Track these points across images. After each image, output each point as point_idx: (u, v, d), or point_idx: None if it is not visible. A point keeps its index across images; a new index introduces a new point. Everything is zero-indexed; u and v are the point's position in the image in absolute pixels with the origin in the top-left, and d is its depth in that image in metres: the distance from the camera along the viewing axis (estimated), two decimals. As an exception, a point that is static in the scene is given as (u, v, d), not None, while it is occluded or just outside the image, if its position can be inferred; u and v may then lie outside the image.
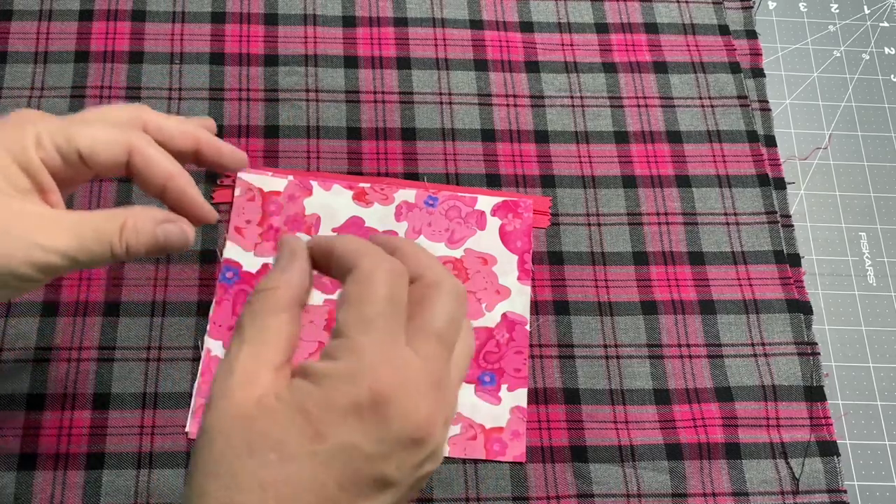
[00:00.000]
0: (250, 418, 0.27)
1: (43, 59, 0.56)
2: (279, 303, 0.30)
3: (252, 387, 0.28)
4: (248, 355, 0.28)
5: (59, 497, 0.46)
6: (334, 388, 0.27)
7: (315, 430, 0.27)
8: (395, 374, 0.27)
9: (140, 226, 0.34)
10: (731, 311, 0.53)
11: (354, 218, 0.54)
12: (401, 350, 0.28)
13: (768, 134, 0.60)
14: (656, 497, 0.48)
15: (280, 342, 0.29)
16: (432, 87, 0.58)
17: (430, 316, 0.29)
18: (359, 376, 0.27)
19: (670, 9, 0.63)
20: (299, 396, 0.27)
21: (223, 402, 0.28)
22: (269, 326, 0.29)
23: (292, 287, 0.30)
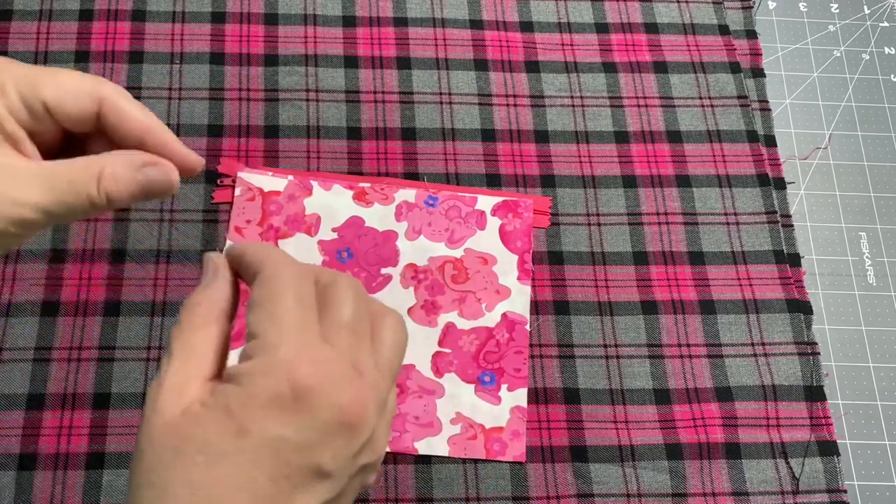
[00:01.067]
0: (177, 426, 0.27)
1: (43, 59, 0.56)
2: (203, 317, 0.30)
3: (180, 398, 0.28)
4: (175, 369, 0.29)
5: (59, 497, 0.46)
6: (253, 384, 0.27)
7: (238, 426, 0.27)
8: (312, 364, 0.28)
9: (119, 172, 0.31)
10: (731, 311, 0.53)
11: (354, 218, 0.54)
12: (315, 342, 0.29)
13: (768, 134, 0.60)
14: (656, 497, 0.48)
15: (208, 354, 0.30)
16: (432, 87, 0.58)
17: (336, 311, 0.30)
18: (276, 369, 0.27)
19: (670, 9, 0.63)
20: (222, 398, 0.28)
21: (153, 415, 0.28)
22: (196, 340, 0.30)
23: (214, 301, 0.31)
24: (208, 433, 0.27)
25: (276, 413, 0.27)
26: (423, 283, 0.52)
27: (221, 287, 0.31)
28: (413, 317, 0.51)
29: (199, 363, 0.29)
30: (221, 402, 0.27)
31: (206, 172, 0.54)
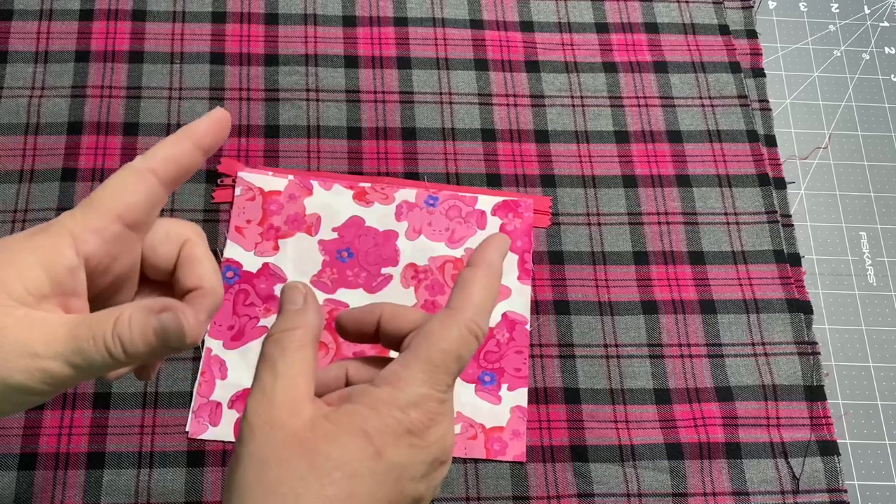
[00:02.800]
0: (309, 442, 0.29)
1: (43, 59, 0.56)
2: (302, 340, 0.31)
3: (297, 414, 0.30)
4: (286, 387, 0.30)
5: (59, 497, 0.46)
6: (390, 414, 0.30)
7: (376, 449, 0.29)
8: (437, 404, 0.31)
9: (135, 317, 0.29)
10: (731, 311, 0.53)
11: (355, 218, 0.54)
12: (438, 388, 0.31)
13: (768, 134, 0.60)
14: (656, 497, 0.48)
15: (309, 374, 0.31)
16: (432, 87, 0.58)
17: (461, 364, 0.32)
18: (409, 403, 0.30)
19: (670, 9, 0.63)
20: (359, 421, 0.30)
21: (271, 429, 0.29)
22: (298, 360, 0.31)
23: (310, 327, 0.32)
24: (347, 452, 0.29)
25: (405, 443, 0.30)
26: (423, 283, 0.52)
27: (314, 315, 0.33)
28: (413, 316, 0.51)
29: (306, 382, 0.31)
30: (358, 425, 0.29)
31: (206, 172, 0.54)
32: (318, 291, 0.51)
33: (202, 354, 0.49)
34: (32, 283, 0.29)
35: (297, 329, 0.32)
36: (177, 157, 0.33)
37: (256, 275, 0.51)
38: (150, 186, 0.32)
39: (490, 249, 0.33)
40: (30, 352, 0.28)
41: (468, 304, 0.32)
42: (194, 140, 0.33)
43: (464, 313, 0.31)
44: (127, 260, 0.32)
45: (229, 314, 0.50)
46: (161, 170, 0.32)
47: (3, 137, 0.54)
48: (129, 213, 0.31)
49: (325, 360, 0.50)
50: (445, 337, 0.31)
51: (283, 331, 0.32)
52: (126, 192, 0.31)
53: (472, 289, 0.32)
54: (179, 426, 0.48)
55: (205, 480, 0.47)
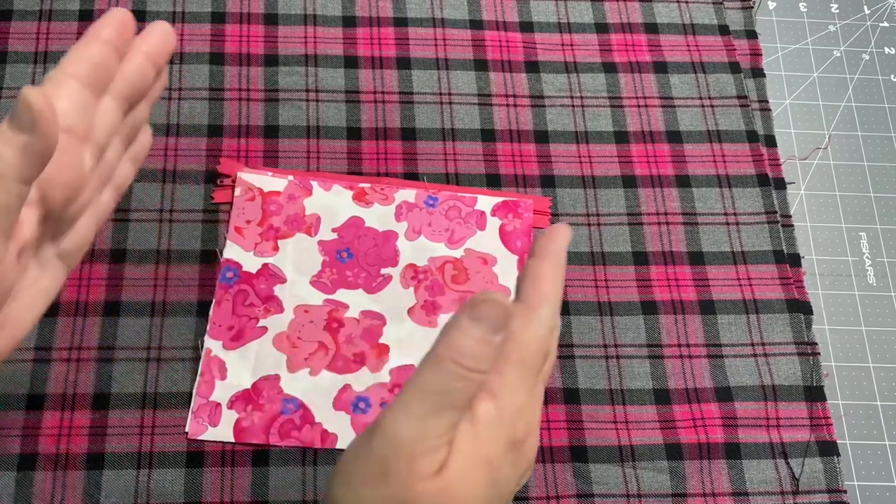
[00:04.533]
0: (448, 488, 0.28)
1: (43, 59, 0.56)
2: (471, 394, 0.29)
3: (435, 458, 0.29)
4: (428, 431, 0.29)
5: (59, 497, 0.46)
6: (503, 434, 0.29)
7: (494, 476, 0.29)
8: (533, 415, 0.31)
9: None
10: (731, 311, 0.53)
11: (354, 218, 0.54)
12: (535, 395, 0.31)
13: (768, 134, 0.60)
14: (656, 497, 0.48)
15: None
16: (432, 87, 0.58)
17: (547, 365, 0.32)
18: (511, 419, 0.29)
19: (670, 9, 0.63)
20: (483, 448, 0.29)
21: (417, 481, 0.28)
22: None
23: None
24: (475, 490, 0.28)
25: (511, 460, 0.29)
26: (423, 284, 0.52)
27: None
28: (413, 317, 0.51)
29: (452, 415, 0.29)
30: (483, 454, 0.28)
31: (206, 172, 0.54)
32: (318, 291, 0.51)
33: (202, 355, 0.49)
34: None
35: (482, 374, 0.29)
36: (88, 56, 0.32)
37: (256, 275, 0.51)
38: (72, 88, 0.32)
39: (557, 240, 0.32)
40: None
41: (543, 298, 0.31)
42: (98, 38, 0.32)
43: (542, 309, 0.30)
44: (73, 168, 0.32)
45: (229, 314, 0.50)
46: (77, 71, 0.32)
47: (2, 138, 0.54)
48: (63, 120, 0.31)
49: (325, 361, 0.50)
50: (532, 335, 0.30)
51: (469, 373, 0.28)
52: (54, 99, 0.31)
53: (544, 282, 0.31)
54: (179, 427, 0.48)
55: (204, 481, 0.47)
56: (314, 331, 0.50)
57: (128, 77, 0.34)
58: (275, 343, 0.50)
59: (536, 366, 0.30)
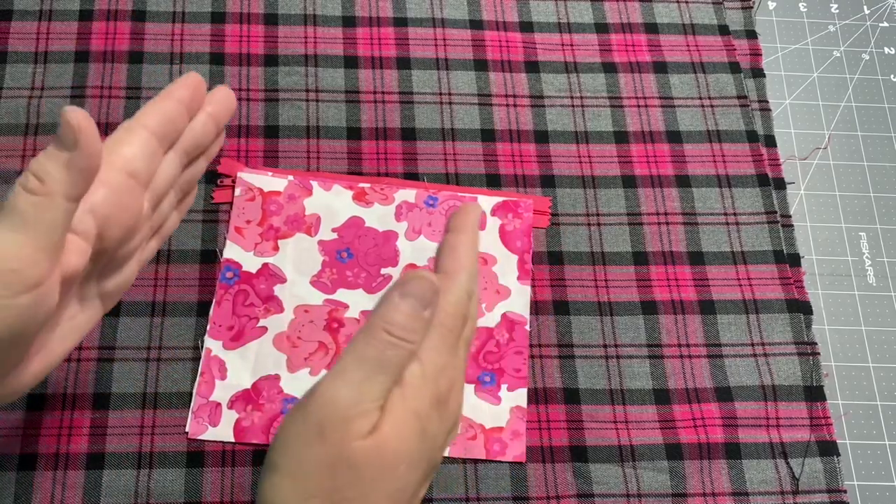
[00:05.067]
0: (384, 443, 0.31)
1: (43, 59, 0.56)
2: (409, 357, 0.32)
3: (372, 416, 0.32)
4: (369, 394, 0.31)
5: (59, 497, 0.46)
6: (428, 389, 0.31)
7: (422, 427, 0.31)
8: (455, 372, 0.32)
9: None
10: (731, 311, 0.53)
11: (354, 218, 0.54)
12: (456, 356, 0.33)
13: (768, 134, 0.60)
14: (656, 497, 0.48)
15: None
16: (432, 87, 0.58)
17: (467, 329, 0.34)
18: (437, 376, 0.31)
19: (670, 9, 0.63)
20: (412, 403, 0.31)
21: (352, 440, 0.30)
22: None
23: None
24: (407, 444, 0.30)
25: (437, 414, 0.31)
26: (423, 284, 0.52)
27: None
28: (413, 317, 0.51)
29: (384, 380, 0.31)
30: (411, 409, 0.31)
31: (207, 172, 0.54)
32: (318, 291, 0.51)
33: (202, 355, 0.49)
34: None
35: (412, 346, 0.32)
36: (162, 110, 0.35)
37: (256, 275, 0.51)
38: (143, 138, 0.34)
39: (470, 215, 0.35)
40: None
41: (460, 266, 0.33)
42: (173, 97, 0.35)
43: (460, 276, 0.33)
44: (133, 210, 0.34)
45: (229, 314, 0.50)
46: (150, 123, 0.34)
47: (3, 137, 0.54)
48: (128, 164, 0.33)
49: (325, 361, 0.50)
50: (451, 301, 0.32)
51: (397, 340, 0.31)
52: (122, 144, 0.34)
53: (460, 252, 0.33)
54: (179, 426, 0.48)
55: (204, 481, 0.47)
56: (314, 331, 0.50)
57: (192, 134, 0.37)
58: (275, 343, 0.50)
59: (457, 328, 0.32)
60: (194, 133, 0.37)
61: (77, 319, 0.36)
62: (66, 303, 0.34)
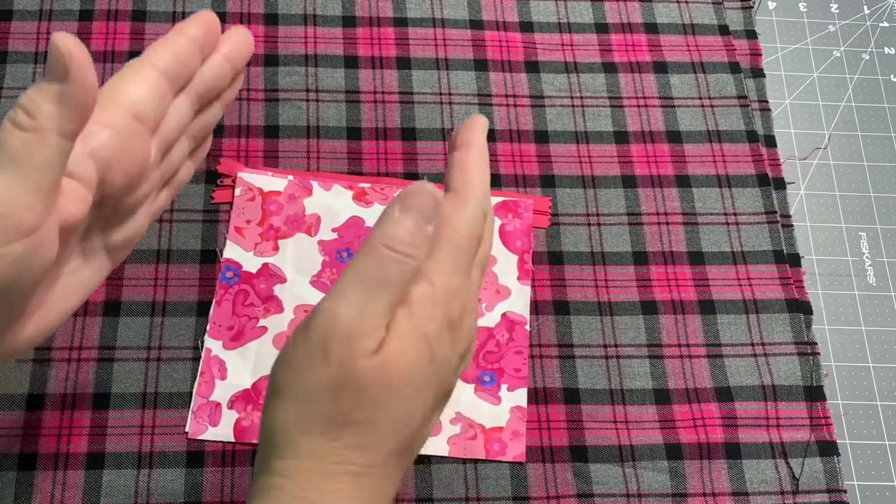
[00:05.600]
0: (388, 363, 0.30)
1: (43, 60, 0.56)
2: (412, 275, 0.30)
3: (376, 334, 0.30)
4: (371, 312, 0.29)
5: (59, 497, 0.46)
6: (439, 312, 0.30)
7: (431, 351, 0.29)
8: (467, 295, 0.31)
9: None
10: (731, 311, 0.53)
11: (354, 218, 0.54)
12: (470, 278, 0.32)
13: (768, 134, 0.60)
14: (656, 497, 0.48)
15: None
16: (432, 87, 0.58)
17: (482, 251, 0.33)
18: (447, 298, 0.30)
19: (670, 9, 0.63)
20: (419, 324, 0.29)
21: (359, 359, 0.29)
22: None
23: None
24: (415, 366, 0.29)
25: (448, 338, 0.30)
26: (423, 283, 0.52)
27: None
28: (413, 317, 0.51)
29: (388, 297, 0.29)
30: (420, 331, 0.29)
31: (206, 172, 0.54)
32: (319, 291, 0.51)
33: (202, 355, 0.49)
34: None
35: (416, 261, 0.30)
36: (172, 48, 0.32)
37: (256, 275, 0.51)
38: (151, 78, 0.31)
39: (477, 129, 0.33)
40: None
41: (472, 185, 0.32)
42: (185, 34, 0.32)
43: (473, 193, 0.32)
44: (139, 156, 0.32)
45: (229, 314, 0.50)
46: (159, 62, 0.32)
47: (2, 138, 0.54)
48: (134, 105, 0.31)
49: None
50: (464, 219, 0.31)
51: (399, 256, 0.29)
52: (128, 83, 0.31)
53: (472, 170, 0.32)
54: (179, 426, 0.48)
55: (204, 481, 0.47)
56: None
57: (205, 76, 0.34)
58: (275, 343, 0.50)
59: (471, 249, 0.31)
60: (208, 75, 0.34)
61: (81, 274, 0.33)
62: (66, 255, 0.32)
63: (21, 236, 0.27)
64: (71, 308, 0.33)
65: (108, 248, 0.34)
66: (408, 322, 0.29)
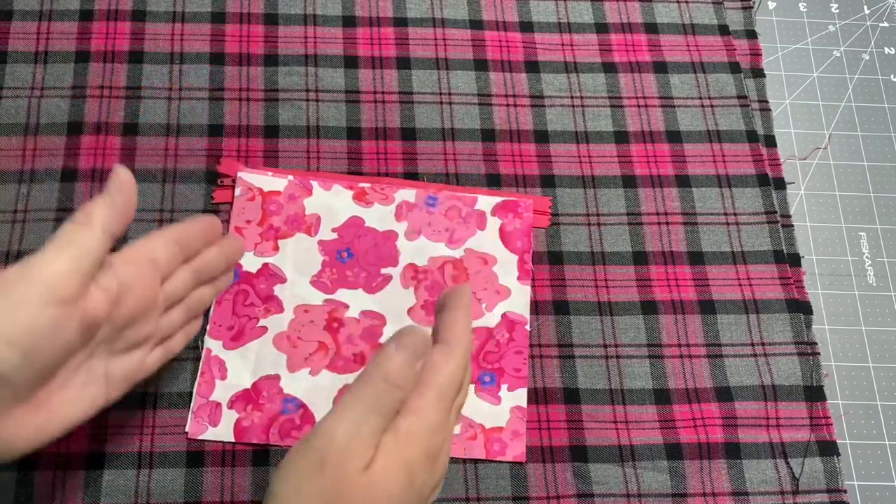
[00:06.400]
0: (371, 483, 0.33)
1: (43, 59, 0.56)
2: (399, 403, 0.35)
3: (366, 454, 0.34)
4: (369, 432, 0.34)
5: (59, 497, 0.46)
6: (420, 444, 0.34)
7: (411, 480, 0.33)
8: (446, 432, 0.36)
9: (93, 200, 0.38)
10: (731, 311, 0.53)
11: (354, 218, 0.54)
12: (449, 421, 0.36)
13: (768, 134, 0.60)
14: (656, 497, 0.48)
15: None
16: (432, 87, 0.58)
17: (460, 398, 0.37)
18: (430, 433, 0.34)
19: (670, 9, 0.63)
20: (405, 452, 0.34)
21: (348, 474, 0.33)
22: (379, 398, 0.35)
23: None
24: (397, 486, 0.33)
25: (427, 468, 0.34)
26: (423, 284, 0.52)
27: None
28: (413, 317, 0.51)
29: (378, 421, 0.34)
30: (404, 458, 0.33)
31: (207, 172, 0.54)
32: (318, 291, 0.51)
33: (202, 355, 0.49)
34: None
35: (402, 390, 0.35)
36: (181, 227, 0.43)
37: (256, 275, 0.51)
38: (164, 238, 0.41)
39: (465, 295, 0.39)
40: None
41: (459, 340, 0.37)
42: (193, 222, 0.43)
43: (460, 347, 0.36)
44: (148, 289, 0.39)
45: (229, 314, 0.50)
46: (172, 233, 0.41)
47: (3, 138, 0.54)
48: (151, 252, 0.40)
49: (324, 361, 0.50)
50: (449, 368, 0.36)
51: (393, 387, 0.35)
52: (147, 241, 0.40)
53: (459, 328, 0.37)
54: (179, 426, 0.48)
55: (204, 481, 0.47)
56: (314, 330, 0.50)
57: (204, 258, 0.43)
58: (275, 343, 0.50)
59: (453, 393, 0.36)
60: (206, 258, 0.43)
61: (84, 391, 0.37)
62: (76, 363, 0.36)
63: (55, 303, 0.33)
64: (69, 422, 0.37)
65: (108, 378, 0.39)
66: (395, 448, 0.33)
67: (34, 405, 0.35)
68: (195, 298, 0.44)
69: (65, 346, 0.35)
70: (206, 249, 0.43)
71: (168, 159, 0.54)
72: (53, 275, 0.34)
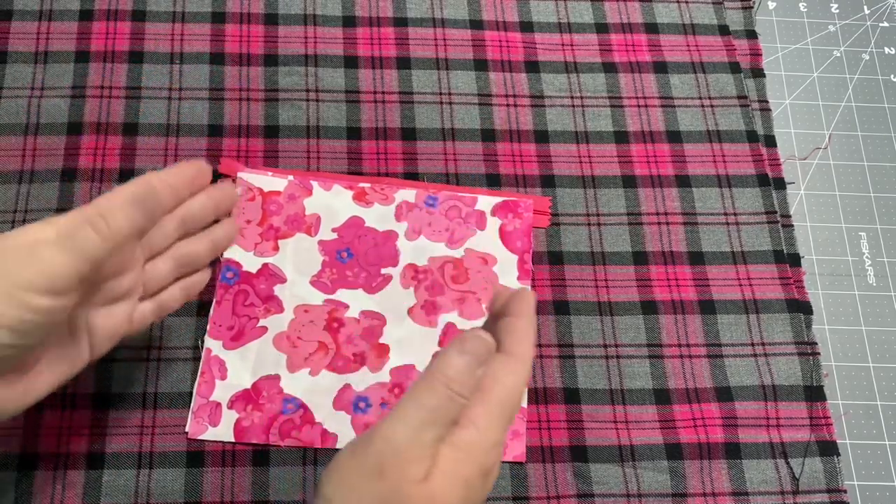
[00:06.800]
0: (431, 496, 0.32)
1: (43, 59, 0.56)
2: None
3: (423, 464, 0.33)
4: (424, 443, 0.33)
5: (59, 497, 0.46)
6: (479, 460, 0.33)
7: (466, 496, 0.32)
8: (501, 449, 0.35)
9: (107, 194, 0.36)
10: (731, 311, 0.53)
11: (354, 218, 0.54)
12: (503, 440, 0.35)
13: (768, 134, 0.60)
14: (656, 497, 0.48)
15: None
16: (432, 87, 0.58)
17: (514, 416, 0.36)
18: (488, 449, 0.33)
19: (670, 9, 0.63)
20: (463, 469, 0.32)
21: (408, 484, 0.32)
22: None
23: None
24: (452, 500, 0.32)
25: (481, 484, 0.33)
26: (423, 284, 0.52)
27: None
28: (413, 317, 0.51)
29: (437, 429, 0.33)
30: (461, 474, 0.32)
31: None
32: (318, 291, 0.51)
33: (202, 355, 0.49)
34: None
35: (463, 399, 0.34)
36: (167, 173, 0.39)
37: (256, 275, 0.51)
38: (142, 182, 0.37)
39: (530, 301, 0.37)
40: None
41: (525, 352, 0.35)
42: (180, 168, 0.40)
43: (524, 359, 0.35)
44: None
45: (229, 314, 0.50)
46: (153, 178, 0.38)
47: (2, 138, 0.54)
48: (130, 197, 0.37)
49: (324, 361, 0.50)
50: (513, 382, 0.34)
51: (456, 395, 0.33)
52: (126, 187, 0.37)
53: (526, 341, 0.36)
54: (179, 426, 0.48)
55: (204, 481, 0.47)
56: (314, 331, 0.50)
57: (190, 207, 0.41)
58: (275, 343, 0.50)
59: (512, 411, 0.34)
60: (191, 206, 0.41)
61: (68, 350, 0.37)
62: (63, 322, 0.36)
63: (51, 294, 0.33)
64: (54, 381, 0.37)
65: (91, 332, 0.38)
66: (453, 461, 0.32)
67: (20, 370, 0.35)
68: (182, 249, 0.42)
69: (53, 325, 0.34)
70: (192, 198, 0.41)
71: (168, 159, 0.54)
72: (53, 271, 0.33)
